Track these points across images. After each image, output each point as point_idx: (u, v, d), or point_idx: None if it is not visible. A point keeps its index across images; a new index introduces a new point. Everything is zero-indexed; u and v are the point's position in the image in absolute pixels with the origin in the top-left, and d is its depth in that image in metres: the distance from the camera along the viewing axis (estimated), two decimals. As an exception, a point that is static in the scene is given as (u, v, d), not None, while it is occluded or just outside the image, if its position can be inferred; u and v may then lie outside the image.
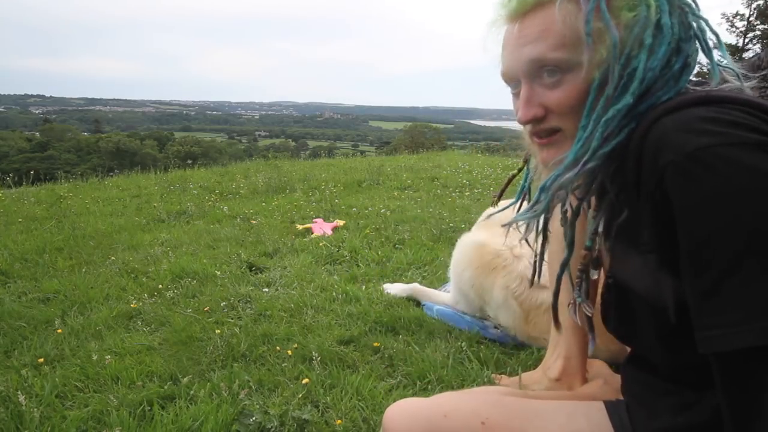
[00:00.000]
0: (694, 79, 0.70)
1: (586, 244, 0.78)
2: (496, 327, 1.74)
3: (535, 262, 0.93)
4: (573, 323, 1.16)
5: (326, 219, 3.68)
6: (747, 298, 0.51)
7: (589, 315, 0.85)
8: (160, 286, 2.31)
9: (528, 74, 0.70)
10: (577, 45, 0.66)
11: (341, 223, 3.53)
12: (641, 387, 0.77)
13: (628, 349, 0.85)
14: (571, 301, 0.87)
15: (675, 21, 0.65)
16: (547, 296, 1.51)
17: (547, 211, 0.73)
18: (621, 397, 0.84)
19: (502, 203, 1.61)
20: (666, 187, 0.56)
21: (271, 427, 1.27)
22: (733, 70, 0.69)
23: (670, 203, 0.56)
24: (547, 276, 1.19)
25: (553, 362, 1.25)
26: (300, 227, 3.43)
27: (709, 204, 0.53)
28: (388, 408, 0.87)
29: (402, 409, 0.86)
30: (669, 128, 0.57)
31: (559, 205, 0.77)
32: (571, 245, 0.81)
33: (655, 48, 0.64)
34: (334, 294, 2.14)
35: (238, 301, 2.12)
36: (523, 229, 0.79)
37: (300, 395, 1.38)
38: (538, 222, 0.79)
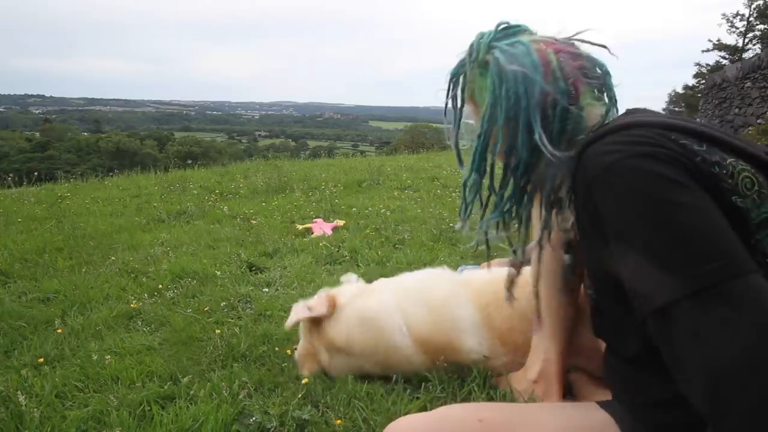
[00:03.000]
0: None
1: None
2: None
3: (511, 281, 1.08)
4: (554, 327, 1.22)
5: (326, 219, 3.68)
6: (647, 273, 0.65)
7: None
8: (160, 286, 2.31)
9: None
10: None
11: (341, 223, 3.53)
12: (623, 374, 0.87)
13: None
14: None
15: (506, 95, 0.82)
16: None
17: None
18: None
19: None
20: (594, 197, 0.72)
21: (271, 427, 1.27)
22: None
23: (597, 209, 0.72)
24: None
25: (532, 364, 1.28)
26: (300, 227, 3.43)
27: (620, 201, 0.69)
28: (388, 426, 0.97)
29: (403, 427, 0.95)
30: (590, 154, 0.74)
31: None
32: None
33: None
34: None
35: (238, 301, 2.12)
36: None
37: (300, 395, 1.37)
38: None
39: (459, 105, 0.94)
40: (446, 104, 0.95)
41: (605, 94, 0.86)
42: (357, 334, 1.43)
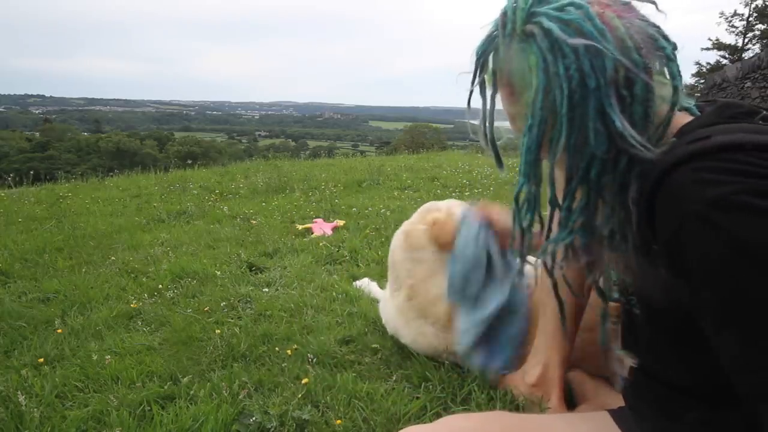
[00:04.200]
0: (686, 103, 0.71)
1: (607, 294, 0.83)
2: None
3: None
4: (554, 331, 1.17)
5: (326, 219, 3.68)
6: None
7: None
8: (160, 286, 2.31)
9: None
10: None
11: (341, 223, 3.53)
12: (656, 396, 0.78)
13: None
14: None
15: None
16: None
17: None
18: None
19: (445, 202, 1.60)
20: (684, 235, 0.59)
21: (271, 427, 1.27)
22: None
23: (685, 250, 0.60)
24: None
25: (531, 367, 1.25)
26: (300, 227, 3.43)
27: (726, 253, 0.56)
28: None
29: None
30: (683, 179, 0.59)
31: None
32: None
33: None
34: (334, 294, 2.14)
35: (238, 301, 2.12)
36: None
37: (300, 395, 1.37)
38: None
39: (491, 92, 0.75)
40: (471, 92, 0.77)
41: (669, 72, 0.68)
42: None
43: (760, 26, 20.76)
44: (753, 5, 20.47)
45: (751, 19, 20.79)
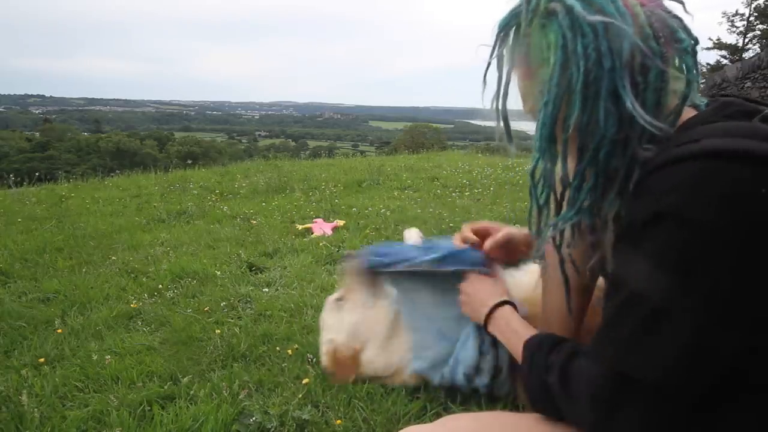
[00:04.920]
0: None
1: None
2: None
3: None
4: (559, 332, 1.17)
5: (326, 219, 3.68)
6: None
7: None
8: (160, 286, 2.31)
9: None
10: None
11: (341, 223, 3.53)
12: None
13: None
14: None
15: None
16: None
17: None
18: None
19: None
20: (637, 231, 0.64)
21: (271, 427, 1.27)
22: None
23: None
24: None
25: None
26: (300, 227, 3.43)
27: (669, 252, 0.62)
28: None
29: None
30: (675, 175, 0.62)
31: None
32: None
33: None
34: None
35: (238, 301, 2.12)
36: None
37: (300, 395, 1.37)
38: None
39: (508, 67, 0.75)
40: (489, 64, 0.76)
41: (685, 66, 0.68)
42: None
43: (761, 26, 20.75)
44: (754, 5, 20.47)
45: (751, 18, 20.80)
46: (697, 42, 0.69)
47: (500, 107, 0.77)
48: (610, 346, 0.67)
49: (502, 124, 0.78)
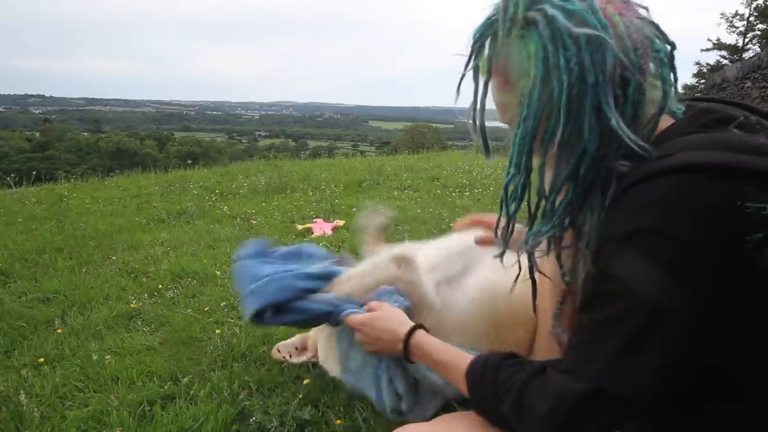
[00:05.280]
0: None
1: (566, 280, 0.82)
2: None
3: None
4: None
5: (326, 219, 3.68)
6: None
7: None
8: (160, 286, 2.31)
9: None
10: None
11: (341, 223, 3.53)
12: None
13: None
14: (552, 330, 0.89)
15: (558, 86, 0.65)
16: None
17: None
18: None
19: None
20: (606, 250, 0.66)
21: (271, 427, 1.27)
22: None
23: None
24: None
25: None
26: (300, 227, 3.43)
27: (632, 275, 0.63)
28: None
29: None
30: (642, 196, 0.63)
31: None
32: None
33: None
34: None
35: (238, 301, 2.12)
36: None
37: (300, 395, 1.37)
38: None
39: (485, 78, 0.74)
40: (463, 76, 0.75)
41: (662, 73, 0.67)
42: None
43: (761, 26, 20.74)
44: (753, 5, 20.47)
45: (751, 19, 20.79)
46: (674, 47, 0.68)
47: (478, 120, 0.76)
48: (595, 363, 0.66)
49: (480, 137, 0.77)
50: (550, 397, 0.68)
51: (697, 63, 21.52)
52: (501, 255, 0.83)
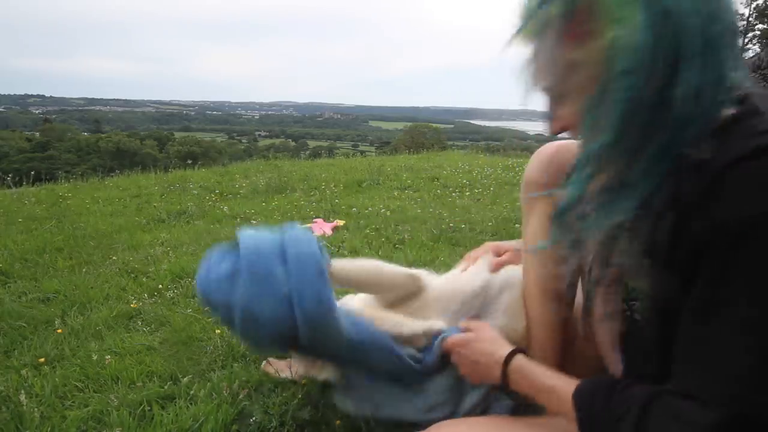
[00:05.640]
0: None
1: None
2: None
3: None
4: (545, 340, 1.09)
5: (326, 219, 3.68)
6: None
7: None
8: (160, 286, 2.31)
9: None
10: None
11: (341, 223, 3.53)
12: None
13: None
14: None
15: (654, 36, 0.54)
16: None
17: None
18: None
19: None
20: (741, 242, 0.54)
21: (271, 427, 1.27)
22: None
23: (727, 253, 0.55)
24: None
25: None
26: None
27: None
28: None
29: None
30: (751, 180, 0.53)
31: None
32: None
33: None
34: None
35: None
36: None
37: (300, 395, 1.37)
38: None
39: (557, 26, 0.60)
40: (522, 27, 0.63)
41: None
42: None
43: (761, 26, 20.76)
44: (753, 5, 20.47)
45: (751, 19, 20.79)
46: (737, 17, 0.61)
47: (545, 82, 0.65)
48: (730, 384, 0.57)
49: (544, 101, 0.65)
50: (680, 427, 0.60)
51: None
52: (561, 218, 0.72)
